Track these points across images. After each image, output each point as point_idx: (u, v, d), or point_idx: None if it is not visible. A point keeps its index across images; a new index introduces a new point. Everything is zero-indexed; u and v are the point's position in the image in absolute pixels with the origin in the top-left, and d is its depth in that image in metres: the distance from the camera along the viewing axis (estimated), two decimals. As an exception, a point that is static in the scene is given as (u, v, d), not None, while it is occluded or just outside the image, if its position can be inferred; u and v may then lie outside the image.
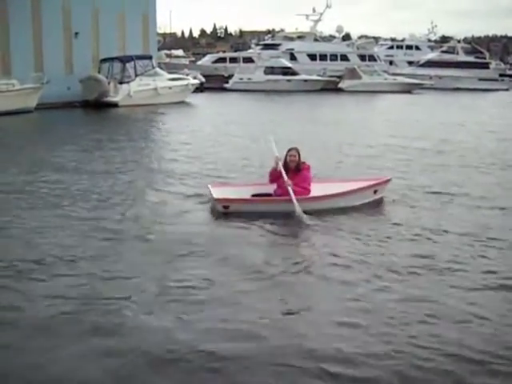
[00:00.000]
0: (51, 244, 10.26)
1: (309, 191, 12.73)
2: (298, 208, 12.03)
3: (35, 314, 7.56)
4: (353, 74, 69.28)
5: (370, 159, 19.68)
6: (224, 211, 12.34)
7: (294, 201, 12.12)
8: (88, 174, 16.51)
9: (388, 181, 14.00)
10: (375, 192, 13.54)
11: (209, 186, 13.33)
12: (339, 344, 6.80)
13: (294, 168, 12.75)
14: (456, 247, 10.34)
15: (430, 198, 13.92)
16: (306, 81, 66.65)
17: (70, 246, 10.21)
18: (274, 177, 12.89)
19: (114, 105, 41.29)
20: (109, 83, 42.17)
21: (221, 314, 7.56)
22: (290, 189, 12.32)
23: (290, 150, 12.93)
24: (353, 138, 25.25)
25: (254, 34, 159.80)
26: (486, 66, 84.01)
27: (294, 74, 66.85)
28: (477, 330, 7.23)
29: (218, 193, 12.74)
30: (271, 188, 12.93)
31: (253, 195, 13.02)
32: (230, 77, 67.48)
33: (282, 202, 12.41)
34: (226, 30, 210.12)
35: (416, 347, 6.74)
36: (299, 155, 12.85)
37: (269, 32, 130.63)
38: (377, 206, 13.27)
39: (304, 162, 12.94)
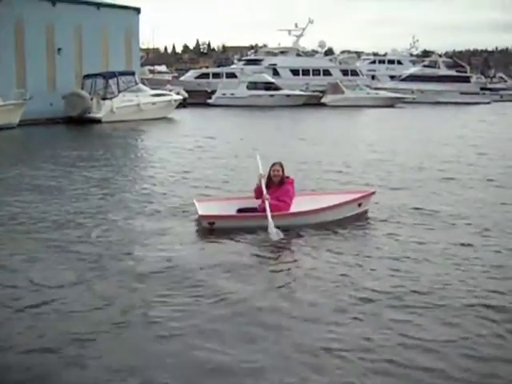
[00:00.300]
0: (22, 271, 9.86)
1: (288, 206, 12.73)
2: (270, 223, 11.93)
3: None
4: (335, 88, 69.62)
5: (352, 174, 19.74)
6: (209, 227, 12.34)
7: (269, 216, 12.07)
8: (66, 194, 16.25)
9: (372, 194, 14.09)
10: (359, 205, 13.59)
11: (194, 201, 13.32)
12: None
13: (278, 182, 12.81)
14: (438, 265, 10.25)
15: (411, 214, 13.88)
16: (288, 96, 66.89)
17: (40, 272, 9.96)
18: (259, 193, 12.88)
19: (97, 121, 41.20)
20: (92, 99, 42.12)
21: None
22: (266, 203, 12.34)
23: (273, 165, 12.97)
24: (335, 153, 25.31)
25: (236, 49, 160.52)
26: (467, 79, 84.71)
27: (277, 89, 67.09)
28: (459, 352, 7.12)
29: (203, 209, 12.75)
30: (257, 202, 12.92)
31: (238, 210, 13.01)
32: (213, 92, 67.69)
33: (265, 218, 12.33)
34: (209, 45, 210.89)
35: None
36: (283, 170, 12.89)
37: (252, 47, 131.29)
38: (360, 220, 13.26)
39: (288, 177, 12.99)
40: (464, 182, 18.58)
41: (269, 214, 12.13)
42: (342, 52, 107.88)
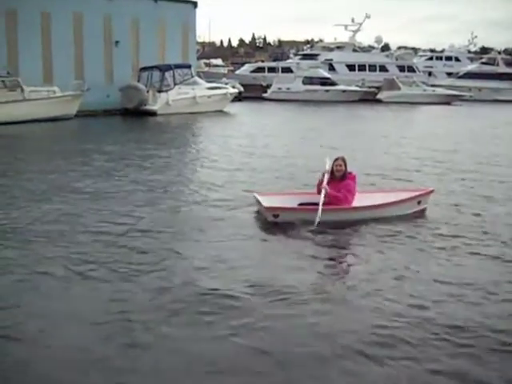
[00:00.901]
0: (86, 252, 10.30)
1: (347, 199, 12.72)
2: (319, 215, 11.99)
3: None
4: (391, 84, 68.95)
5: (408, 171, 19.58)
6: (273, 220, 12.31)
7: (320, 206, 12.10)
8: (123, 182, 16.64)
9: (431, 192, 14.06)
10: (419, 203, 13.61)
11: (255, 194, 13.34)
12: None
13: (340, 177, 12.81)
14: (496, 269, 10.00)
15: (470, 212, 13.79)
16: (344, 91, 66.50)
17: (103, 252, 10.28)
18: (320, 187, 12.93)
19: (153, 113, 41.54)
20: (148, 92, 42.49)
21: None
22: (323, 192, 12.36)
23: (336, 160, 12.97)
24: (391, 151, 25.09)
25: (292, 43, 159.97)
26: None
27: (333, 84, 66.73)
28: None
29: (266, 201, 12.73)
30: (318, 198, 12.80)
31: (299, 204, 12.99)
32: (269, 86, 67.57)
33: (331, 210, 12.37)
34: (264, 39, 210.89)
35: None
36: (345, 164, 12.91)
37: (307, 42, 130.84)
38: (419, 218, 13.21)
39: (350, 172, 13.00)
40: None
41: (321, 202, 12.19)
42: (399, 48, 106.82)
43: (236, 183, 16.70)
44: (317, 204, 12.49)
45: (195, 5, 50.39)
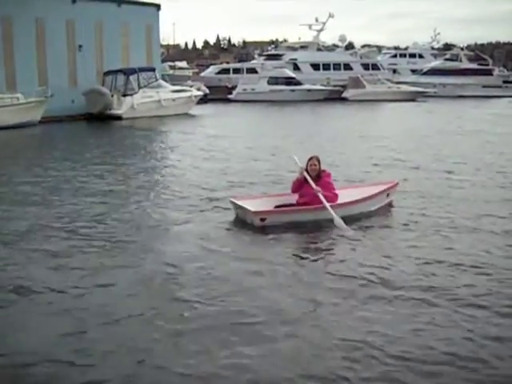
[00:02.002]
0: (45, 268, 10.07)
1: (337, 197, 12.85)
2: (335, 215, 12.14)
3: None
4: (356, 83, 69.25)
5: (374, 166, 19.89)
6: (260, 224, 12.12)
7: (329, 208, 12.26)
8: (87, 193, 16.10)
9: (397, 184, 14.45)
10: (388, 196, 14.00)
11: (232, 199, 13.07)
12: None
13: (315, 176, 12.85)
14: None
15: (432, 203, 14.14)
16: (309, 90, 66.71)
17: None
18: (297, 186, 12.95)
19: (118, 117, 41.37)
20: (112, 96, 42.30)
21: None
22: (321, 196, 12.41)
23: (310, 159, 13.06)
24: (357, 148, 25.28)
25: (257, 44, 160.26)
26: (489, 72, 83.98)
27: (298, 83, 66.89)
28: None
29: (249, 205, 12.53)
30: (292, 198, 12.96)
31: (276, 206, 12.94)
32: (234, 88, 67.60)
33: (320, 210, 12.39)
34: (229, 40, 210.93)
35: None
36: (319, 163, 12.99)
37: (272, 42, 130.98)
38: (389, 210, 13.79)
39: (324, 170, 13.10)
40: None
41: (327, 205, 12.32)
42: (363, 46, 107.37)
43: (203, 188, 16.43)
44: (293, 205, 12.72)
45: (158, 7, 50.37)
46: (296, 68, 75.06)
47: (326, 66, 77.01)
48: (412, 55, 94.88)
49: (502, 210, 13.68)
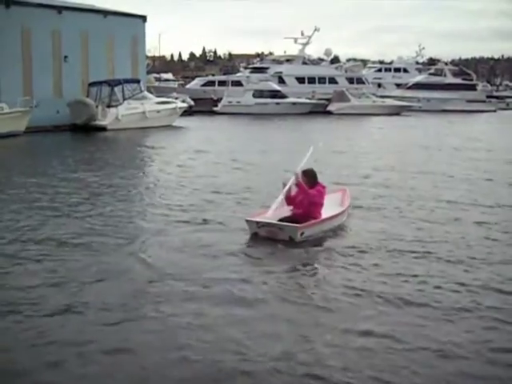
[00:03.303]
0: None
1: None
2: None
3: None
4: (341, 96, 69.51)
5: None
6: (301, 239, 12.24)
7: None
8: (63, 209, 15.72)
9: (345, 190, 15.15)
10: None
11: (252, 219, 12.83)
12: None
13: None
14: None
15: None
16: (294, 104, 66.89)
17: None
18: (290, 200, 13.11)
19: (103, 128, 41.29)
20: (97, 107, 42.19)
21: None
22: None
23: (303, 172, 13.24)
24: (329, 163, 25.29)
25: (243, 57, 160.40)
26: (473, 87, 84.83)
27: (283, 97, 67.08)
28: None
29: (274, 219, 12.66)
30: (288, 210, 13.16)
31: (279, 220, 12.83)
32: (219, 100, 67.59)
33: (341, 215, 13.36)
34: (215, 53, 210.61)
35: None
36: (308, 177, 13.16)
37: (258, 55, 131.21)
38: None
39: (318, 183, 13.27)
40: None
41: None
42: (348, 60, 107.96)
43: (191, 205, 16.05)
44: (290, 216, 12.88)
45: (144, 19, 50.38)
46: (281, 81, 75.31)
47: (311, 80, 77.24)
48: (397, 69, 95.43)
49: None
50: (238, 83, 73.28)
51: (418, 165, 24.71)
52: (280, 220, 12.74)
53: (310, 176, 13.06)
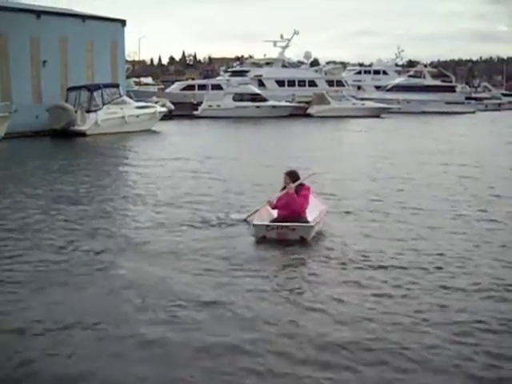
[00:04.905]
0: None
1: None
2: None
3: None
4: (321, 99, 69.76)
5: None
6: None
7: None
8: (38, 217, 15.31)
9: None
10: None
11: (259, 222, 12.82)
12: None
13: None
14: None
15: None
16: (274, 107, 67.01)
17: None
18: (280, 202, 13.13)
19: (82, 134, 41.00)
20: (76, 112, 41.91)
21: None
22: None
23: (287, 174, 13.32)
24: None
25: (222, 61, 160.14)
26: (452, 89, 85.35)
27: (263, 100, 67.22)
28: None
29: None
30: (275, 212, 13.25)
31: (271, 221, 12.94)
32: (199, 104, 67.49)
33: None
34: (195, 57, 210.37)
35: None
36: (292, 177, 13.18)
37: (237, 59, 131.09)
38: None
39: (303, 185, 13.28)
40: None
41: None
42: (328, 63, 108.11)
43: (174, 212, 15.60)
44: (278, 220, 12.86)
45: (124, 23, 50.34)
46: (261, 84, 75.42)
47: (291, 83, 77.41)
48: (376, 72, 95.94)
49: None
50: (217, 87, 73.33)
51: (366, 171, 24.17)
52: (271, 222, 12.84)
53: (292, 176, 13.16)
